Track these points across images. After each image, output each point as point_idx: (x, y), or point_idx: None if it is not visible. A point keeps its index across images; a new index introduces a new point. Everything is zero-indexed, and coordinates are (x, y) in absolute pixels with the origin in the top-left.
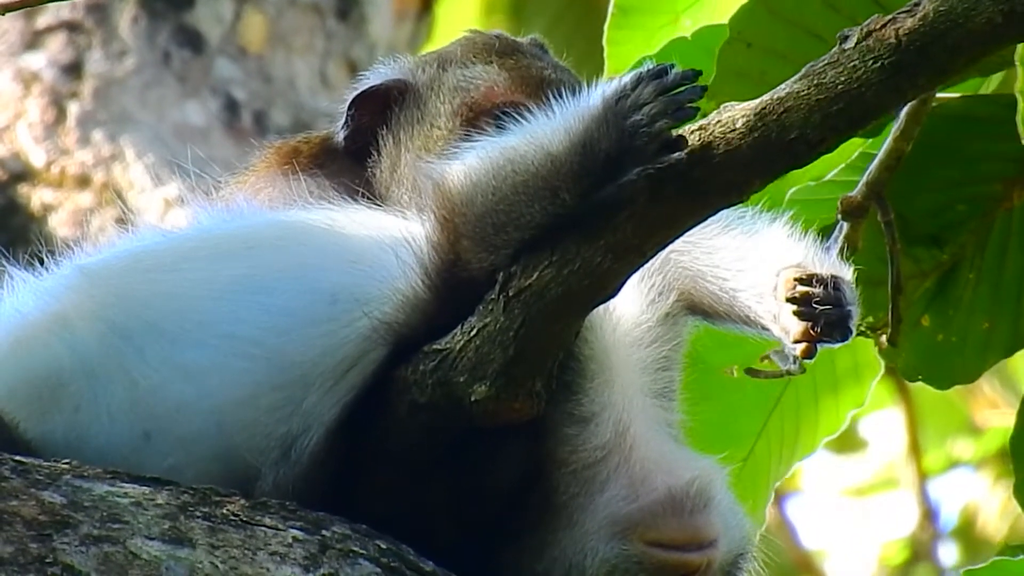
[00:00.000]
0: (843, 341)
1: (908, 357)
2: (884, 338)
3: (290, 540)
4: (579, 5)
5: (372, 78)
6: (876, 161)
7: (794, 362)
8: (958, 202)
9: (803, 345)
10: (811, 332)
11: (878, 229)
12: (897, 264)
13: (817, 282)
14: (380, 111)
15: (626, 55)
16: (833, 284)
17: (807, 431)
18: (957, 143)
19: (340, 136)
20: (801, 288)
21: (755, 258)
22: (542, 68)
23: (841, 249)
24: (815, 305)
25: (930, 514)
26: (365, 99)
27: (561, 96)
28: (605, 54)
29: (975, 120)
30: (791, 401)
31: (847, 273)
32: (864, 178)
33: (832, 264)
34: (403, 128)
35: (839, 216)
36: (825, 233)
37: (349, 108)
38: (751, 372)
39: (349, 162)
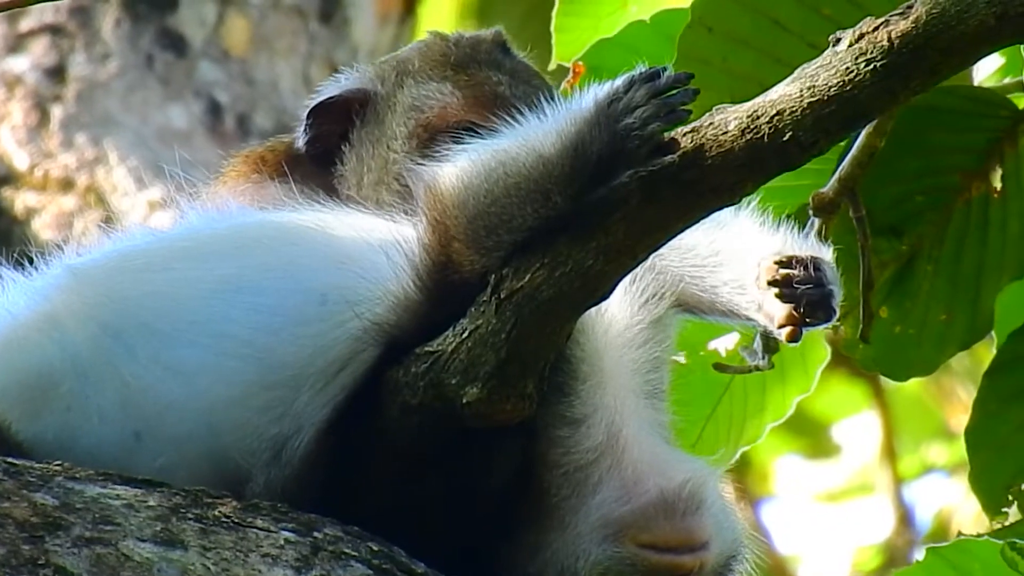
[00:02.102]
0: (827, 322)
1: (866, 348)
2: (843, 330)
3: (282, 542)
4: (546, 7)
5: (332, 87)
6: (848, 157)
7: (763, 357)
8: (917, 193)
9: (788, 329)
10: (795, 314)
11: (844, 220)
12: (868, 260)
13: (797, 263)
14: (341, 119)
15: (574, 42)
16: (814, 265)
17: (754, 417)
18: (918, 135)
19: (300, 143)
20: (782, 271)
21: (731, 251)
22: (496, 84)
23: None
24: (797, 286)
25: (905, 519)
26: (325, 108)
27: (515, 112)
28: (553, 41)
29: (936, 112)
30: (739, 388)
31: (827, 254)
32: (836, 174)
33: (811, 246)
34: (364, 144)
35: (811, 212)
36: (792, 220)
37: (308, 117)
38: (719, 367)
39: (314, 168)
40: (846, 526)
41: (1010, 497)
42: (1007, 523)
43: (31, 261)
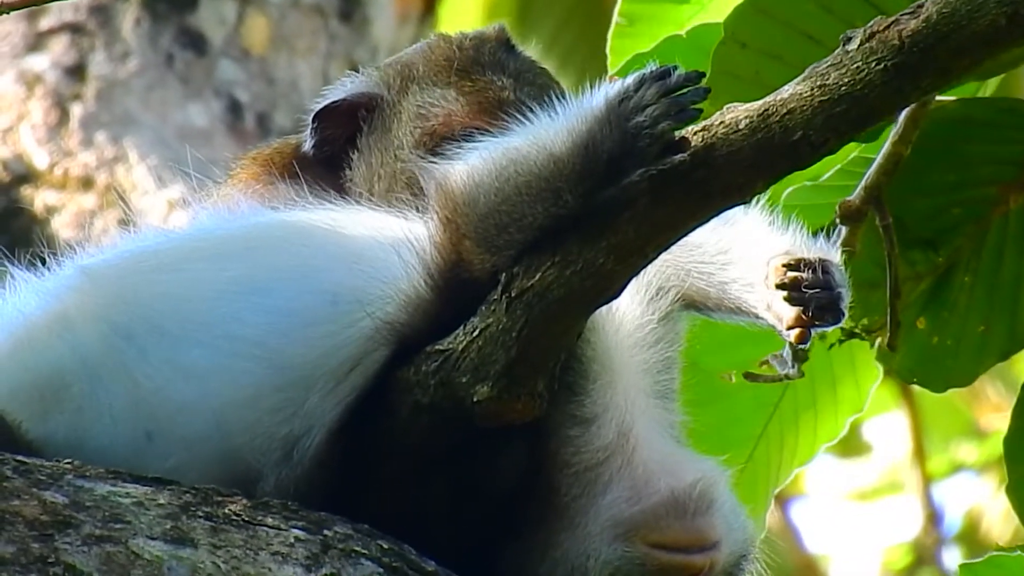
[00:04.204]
0: (835, 324)
1: (903, 359)
2: (879, 341)
3: (292, 540)
4: (585, 8)
5: (338, 91)
6: (874, 165)
7: (792, 366)
8: (954, 205)
9: (797, 331)
10: (803, 317)
11: (875, 232)
12: (895, 268)
13: (805, 266)
14: (347, 123)
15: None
16: (822, 267)
17: (806, 437)
18: (954, 146)
19: (307, 146)
20: (791, 274)
21: (740, 248)
22: (500, 89)
23: (839, 253)
24: (805, 289)
25: (934, 518)
26: (330, 112)
27: (521, 115)
28: (608, 63)
29: (973, 123)
30: (790, 406)
31: (835, 256)
32: (862, 182)
33: (820, 248)
34: (372, 151)
35: (837, 220)
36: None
37: (314, 120)
38: (750, 376)
39: (322, 170)
40: (876, 525)
41: None
42: None
43: (44, 261)
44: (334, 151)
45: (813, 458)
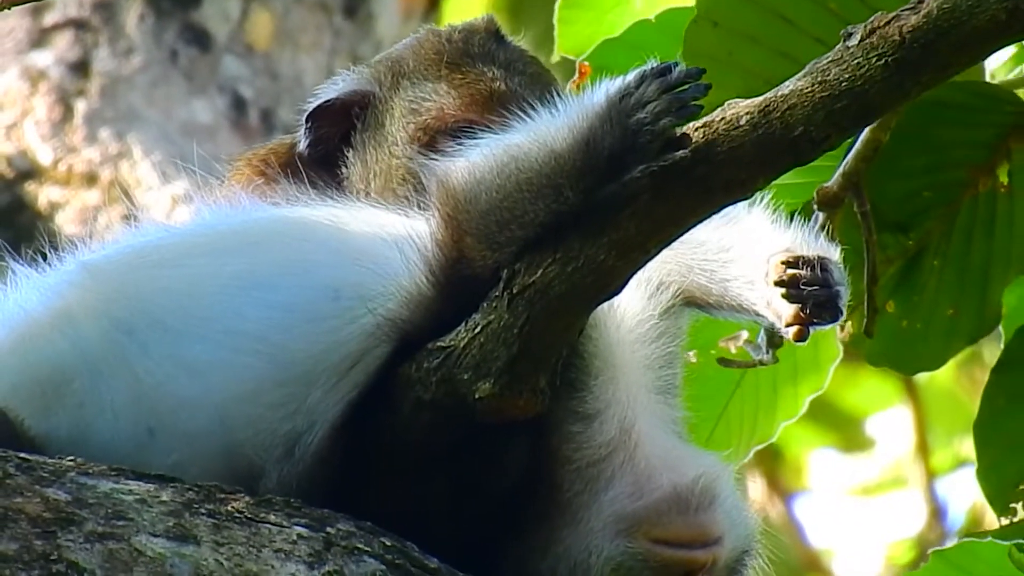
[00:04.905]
0: (834, 322)
1: (873, 343)
2: (850, 325)
3: (295, 537)
4: None
5: (330, 90)
6: (853, 152)
7: (767, 352)
8: (925, 189)
9: (795, 328)
10: (801, 314)
11: (850, 217)
12: (873, 255)
13: (804, 264)
14: (341, 121)
15: (577, 35)
16: (821, 265)
17: (765, 416)
18: (925, 130)
19: (302, 146)
20: (789, 271)
21: (742, 246)
22: (491, 80)
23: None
24: (803, 287)
25: (938, 513)
26: (323, 111)
27: (513, 108)
28: (555, 33)
29: (944, 107)
30: (751, 387)
31: (834, 254)
32: (840, 168)
33: (819, 246)
34: (367, 149)
35: (815, 207)
36: (796, 216)
37: (307, 120)
38: (724, 362)
39: (318, 169)
40: (879, 520)
41: (1022, 488)
42: (1015, 519)
43: (47, 257)
44: (329, 150)
45: (773, 437)
